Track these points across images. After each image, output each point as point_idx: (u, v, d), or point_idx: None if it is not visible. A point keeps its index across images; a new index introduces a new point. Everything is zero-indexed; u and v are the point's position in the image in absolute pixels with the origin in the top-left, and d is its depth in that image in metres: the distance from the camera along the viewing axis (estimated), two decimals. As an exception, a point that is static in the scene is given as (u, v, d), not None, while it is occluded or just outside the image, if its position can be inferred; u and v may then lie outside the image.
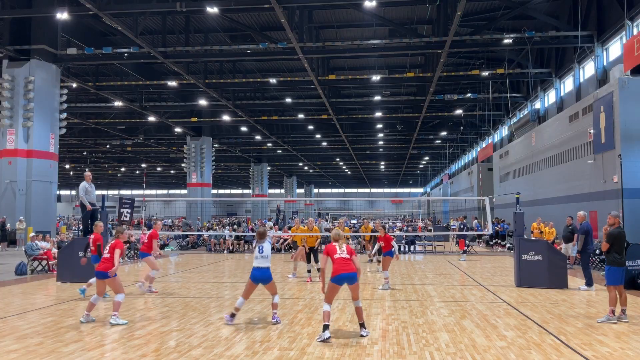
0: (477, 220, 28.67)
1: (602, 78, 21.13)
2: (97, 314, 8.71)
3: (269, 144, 49.91)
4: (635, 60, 15.53)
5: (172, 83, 29.55)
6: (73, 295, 10.70)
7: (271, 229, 25.58)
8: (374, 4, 19.42)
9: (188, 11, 21.44)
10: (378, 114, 37.07)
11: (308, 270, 12.98)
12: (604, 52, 21.44)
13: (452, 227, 28.68)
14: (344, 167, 71.62)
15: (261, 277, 7.73)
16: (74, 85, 28.70)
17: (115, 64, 27.89)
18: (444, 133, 45.75)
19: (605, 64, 21.39)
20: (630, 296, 9.30)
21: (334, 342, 6.82)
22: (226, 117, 36.99)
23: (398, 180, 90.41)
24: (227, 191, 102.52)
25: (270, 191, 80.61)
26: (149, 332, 7.34)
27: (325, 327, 6.86)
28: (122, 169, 72.37)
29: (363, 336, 7.03)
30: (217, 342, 6.83)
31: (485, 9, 23.73)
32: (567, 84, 25.75)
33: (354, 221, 37.62)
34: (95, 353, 6.29)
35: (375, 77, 28.29)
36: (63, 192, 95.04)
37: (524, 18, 23.51)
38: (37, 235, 15.93)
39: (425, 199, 70.34)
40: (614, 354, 6.29)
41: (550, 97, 28.34)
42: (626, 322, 8.01)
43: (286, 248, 22.35)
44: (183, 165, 44.31)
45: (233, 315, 7.88)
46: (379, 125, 41.50)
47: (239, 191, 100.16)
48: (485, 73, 27.70)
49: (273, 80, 29.22)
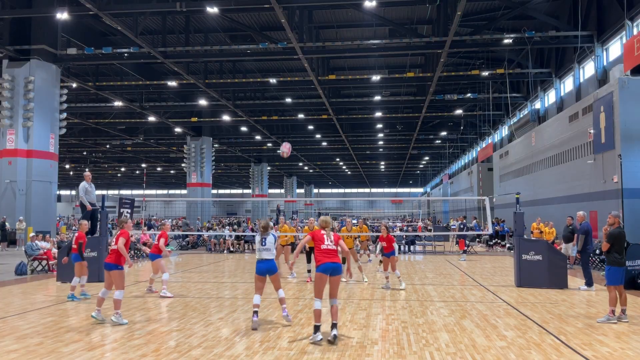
0: (476, 221, 28.66)
1: (602, 78, 21.13)
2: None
3: (269, 144, 49.90)
4: (635, 60, 15.53)
5: (172, 83, 29.55)
6: (73, 295, 10.70)
7: (271, 229, 25.56)
8: (374, 4, 19.41)
9: (188, 11, 21.44)
10: (378, 114, 37.07)
11: (308, 270, 12.87)
12: (604, 52, 21.44)
13: (452, 227, 28.68)
14: (344, 167, 71.61)
15: (266, 268, 7.65)
16: (74, 85, 28.69)
17: (115, 64, 27.89)
18: (444, 133, 45.75)
19: (605, 64, 21.39)
20: (630, 296, 9.30)
21: (337, 341, 6.80)
22: (226, 117, 36.99)
23: (398, 180, 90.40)
24: (227, 191, 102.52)
25: (270, 191, 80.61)
26: (149, 332, 7.34)
27: (317, 328, 6.65)
28: (122, 169, 72.36)
29: (335, 336, 6.66)
30: (217, 342, 6.83)
31: (485, 9, 23.73)
32: (567, 84, 25.74)
33: (354, 221, 37.42)
34: (95, 353, 6.29)
35: (375, 77, 28.29)
36: (63, 192, 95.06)
37: (524, 18, 23.51)
38: (37, 235, 15.93)
39: (425, 199, 70.34)
40: (614, 354, 6.29)
41: (550, 97, 28.33)
42: (626, 322, 8.01)
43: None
44: (183, 165, 44.30)
45: (256, 313, 7.64)
46: (379, 125, 41.50)
47: (239, 191, 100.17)
48: (485, 73, 27.70)
49: (273, 80, 29.22)
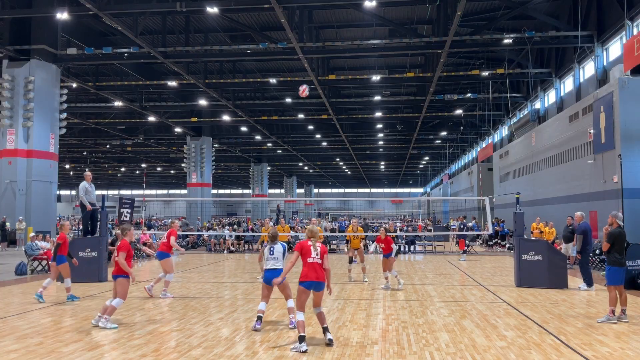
0: (475, 221, 28.67)
1: (602, 78, 21.12)
2: (95, 313, 8.71)
3: (269, 144, 49.91)
4: (635, 60, 15.53)
5: (172, 83, 29.55)
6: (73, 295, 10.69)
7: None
8: (374, 4, 19.41)
9: (188, 11, 21.43)
10: (378, 114, 37.06)
11: None
12: (604, 52, 21.43)
13: (452, 227, 28.68)
14: (344, 167, 71.60)
15: (272, 278, 7.38)
16: (74, 85, 28.69)
17: (115, 64, 27.89)
18: (444, 133, 45.75)
19: (605, 64, 21.38)
20: (630, 296, 9.29)
21: (334, 342, 6.80)
22: (226, 117, 36.98)
23: (398, 180, 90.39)
24: (227, 191, 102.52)
25: (270, 191, 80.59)
26: (149, 332, 7.34)
27: (301, 339, 6.38)
28: (122, 169, 72.37)
29: (331, 339, 6.60)
30: (217, 342, 6.83)
31: (485, 9, 23.72)
32: (567, 84, 25.73)
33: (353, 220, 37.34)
34: (95, 353, 6.29)
35: (375, 77, 28.28)
36: (63, 192, 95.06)
37: (524, 18, 23.50)
38: (37, 235, 15.94)
39: (425, 199, 70.32)
40: (614, 354, 6.28)
41: (550, 97, 28.33)
42: (626, 322, 8.01)
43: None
44: (183, 165, 44.30)
45: (259, 319, 7.58)
46: (379, 125, 41.50)
47: (239, 191, 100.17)
48: (485, 73, 27.69)
49: (273, 80, 29.21)
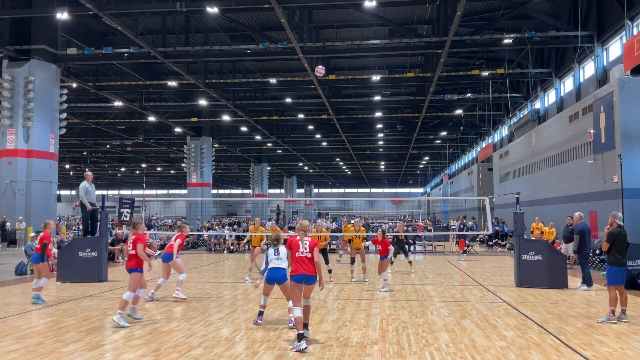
0: (473, 221, 28.69)
1: (602, 78, 21.12)
2: (95, 313, 8.71)
3: (269, 144, 49.91)
4: (635, 60, 15.52)
5: (172, 83, 29.54)
6: (73, 295, 10.72)
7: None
8: (374, 4, 19.40)
9: (188, 11, 21.43)
10: (378, 114, 37.06)
11: (329, 270, 12.84)
12: (604, 52, 21.43)
13: (452, 227, 28.69)
14: (344, 167, 71.60)
15: (276, 277, 7.42)
16: (74, 85, 28.68)
17: (115, 64, 27.88)
18: (444, 133, 45.74)
19: (605, 64, 21.38)
20: (630, 296, 9.29)
21: (334, 343, 6.82)
22: (226, 117, 36.98)
23: (398, 180, 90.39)
24: (227, 191, 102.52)
25: (270, 191, 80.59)
26: (149, 332, 7.34)
27: (300, 337, 6.36)
28: (122, 169, 72.37)
29: (305, 337, 6.57)
30: (217, 342, 6.83)
31: (485, 9, 23.72)
32: (567, 84, 25.73)
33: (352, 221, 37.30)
34: (95, 353, 6.29)
35: (375, 77, 28.28)
36: (63, 192, 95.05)
37: (524, 18, 23.50)
38: (37, 235, 15.90)
39: (425, 199, 70.30)
40: (614, 354, 6.28)
41: (550, 97, 28.33)
42: (626, 322, 8.01)
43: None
44: (183, 165, 44.30)
45: (261, 313, 7.91)
46: (379, 125, 41.49)
47: (239, 191, 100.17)
48: (485, 73, 27.69)
49: (273, 80, 29.21)
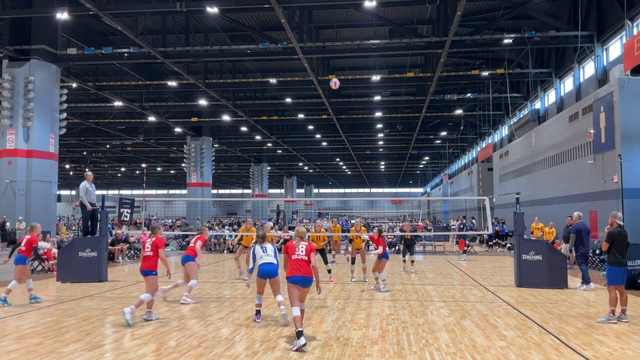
0: (473, 220, 28.69)
1: (602, 78, 21.11)
2: (95, 313, 8.72)
3: (269, 144, 49.89)
4: (635, 60, 15.52)
5: (172, 83, 29.53)
6: (73, 295, 10.71)
7: (272, 229, 25.60)
8: (374, 4, 19.39)
9: (188, 11, 21.41)
10: (378, 114, 37.03)
11: (328, 270, 12.96)
12: (604, 52, 21.43)
13: (452, 227, 28.69)
14: (344, 167, 71.58)
15: (268, 271, 7.74)
16: (74, 85, 28.66)
17: (115, 64, 27.85)
18: (444, 133, 45.72)
19: (605, 64, 21.38)
20: (630, 296, 9.29)
21: (334, 342, 6.82)
22: (226, 117, 36.96)
23: (398, 180, 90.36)
24: (227, 191, 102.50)
25: (270, 191, 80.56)
26: (149, 332, 7.35)
27: (299, 334, 6.41)
28: (122, 169, 72.33)
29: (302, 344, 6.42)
30: (217, 342, 6.83)
31: (485, 9, 23.71)
32: (567, 84, 25.73)
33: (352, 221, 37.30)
34: (95, 353, 6.29)
35: (375, 77, 28.26)
36: (63, 192, 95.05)
37: (524, 18, 23.49)
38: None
39: (425, 199, 70.29)
40: (614, 354, 6.29)
41: (550, 97, 28.32)
42: (626, 322, 8.01)
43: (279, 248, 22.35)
44: (183, 165, 44.28)
45: (258, 312, 8.10)
46: (379, 125, 41.46)
47: (239, 191, 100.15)
48: (485, 73, 27.67)
49: (273, 80, 29.20)
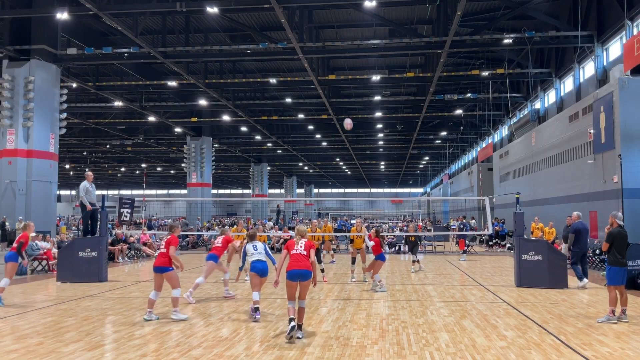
0: (472, 221, 28.69)
1: (602, 78, 21.11)
2: (95, 313, 8.72)
3: (269, 144, 49.89)
4: (635, 60, 15.52)
5: (172, 83, 29.52)
6: (73, 295, 10.71)
7: (271, 229, 25.65)
8: (374, 4, 19.39)
9: (188, 11, 21.41)
10: (378, 114, 37.04)
11: (321, 270, 13.28)
12: (604, 52, 21.43)
13: (452, 227, 28.69)
14: (344, 167, 71.58)
15: (261, 269, 8.29)
16: (74, 85, 28.66)
17: (115, 64, 27.86)
18: (444, 133, 45.71)
19: (605, 64, 21.38)
20: (630, 296, 9.30)
21: (334, 342, 6.82)
22: (226, 117, 36.96)
23: (398, 180, 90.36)
24: (227, 191, 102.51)
25: (270, 191, 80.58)
26: (148, 332, 7.35)
27: (291, 320, 6.87)
28: (122, 169, 72.34)
29: (299, 338, 6.94)
30: (217, 342, 6.83)
31: (485, 9, 23.71)
32: (567, 84, 25.73)
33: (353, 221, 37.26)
34: (95, 353, 6.29)
35: (375, 77, 28.26)
36: (63, 192, 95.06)
37: (524, 18, 23.49)
38: (37, 235, 15.92)
39: (425, 199, 70.29)
40: (614, 354, 6.29)
41: (550, 97, 28.32)
42: (626, 322, 8.01)
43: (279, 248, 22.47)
44: (183, 165, 44.28)
45: (257, 309, 8.24)
46: (379, 125, 41.46)
47: (239, 191, 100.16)
48: (485, 73, 27.66)
49: (273, 80, 29.20)
